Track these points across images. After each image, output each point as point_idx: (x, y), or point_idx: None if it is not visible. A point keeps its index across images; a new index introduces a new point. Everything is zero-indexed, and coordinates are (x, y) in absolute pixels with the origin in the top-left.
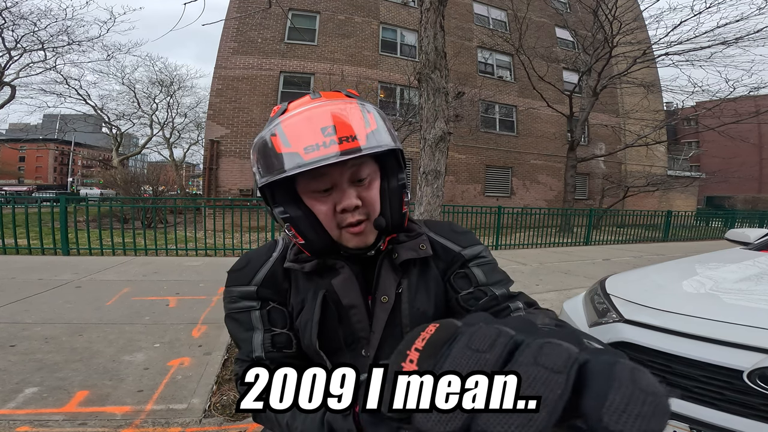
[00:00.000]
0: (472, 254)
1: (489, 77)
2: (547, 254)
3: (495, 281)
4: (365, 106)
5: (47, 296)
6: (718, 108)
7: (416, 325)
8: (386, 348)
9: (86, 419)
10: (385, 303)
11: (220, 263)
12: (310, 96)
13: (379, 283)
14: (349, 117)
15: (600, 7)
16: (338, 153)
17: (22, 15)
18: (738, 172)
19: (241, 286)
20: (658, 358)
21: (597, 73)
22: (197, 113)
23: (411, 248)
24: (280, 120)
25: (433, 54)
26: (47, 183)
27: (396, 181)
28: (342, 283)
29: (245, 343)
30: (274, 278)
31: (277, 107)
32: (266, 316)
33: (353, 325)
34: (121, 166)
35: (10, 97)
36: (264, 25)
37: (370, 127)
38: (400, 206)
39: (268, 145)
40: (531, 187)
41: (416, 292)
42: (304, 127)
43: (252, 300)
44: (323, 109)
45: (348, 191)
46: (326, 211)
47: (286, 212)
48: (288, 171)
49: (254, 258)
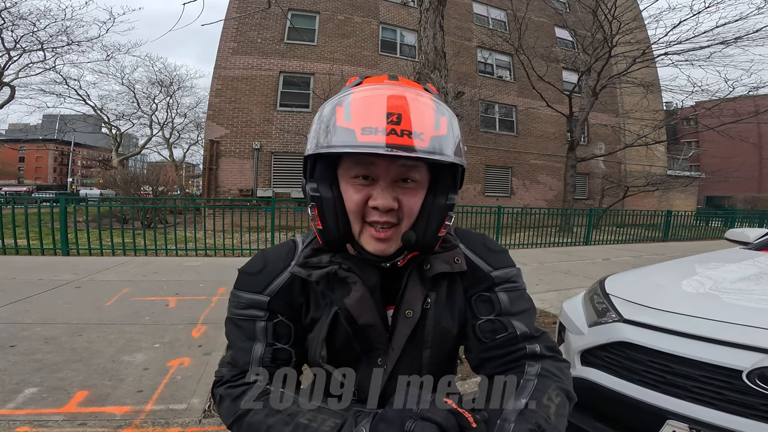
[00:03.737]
0: (502, 278)
1: (489, 77)
2: (546, 254)
3: (519, 311)
4: (440, 106)
5: (47, 296)
6: (717, 108)
7: (438, 343)
8: (405, 362)
9: (86, 419)
10: (409, 318)
11: (219, 263)
12: (388, 76)
13: (405, 295)
14: (419, 111)
15: (599, 6)
16: (390, 146)
17: (22, 15)
18: (738, 172)
19: (252, 293)
20: (658, 358)
21: (596, 72)
22: (197, 113)
23: (445, 261)
24: (351, 91)
25: (433, 54)
26: (47, 183)
27: (444, 200)
28: (356, 303)
29: (243, 352)
30: (290, 291)
31: (353, 78)
32: (271, 330)
33: (370, 341)
34: (121, 167)
35: (10, 97)
36: (263, 25)
37: (438, 130)
38: (438, 227)
39: (331, 114)
40: (531, 186)
41: (443, 309)
42: (370, 106)
43: (260, 310)
44: (396, 91)
45: (387, 189)
46: (358, 200)
47: (317, 190)
48: (338, 148)
49: (272, 262)
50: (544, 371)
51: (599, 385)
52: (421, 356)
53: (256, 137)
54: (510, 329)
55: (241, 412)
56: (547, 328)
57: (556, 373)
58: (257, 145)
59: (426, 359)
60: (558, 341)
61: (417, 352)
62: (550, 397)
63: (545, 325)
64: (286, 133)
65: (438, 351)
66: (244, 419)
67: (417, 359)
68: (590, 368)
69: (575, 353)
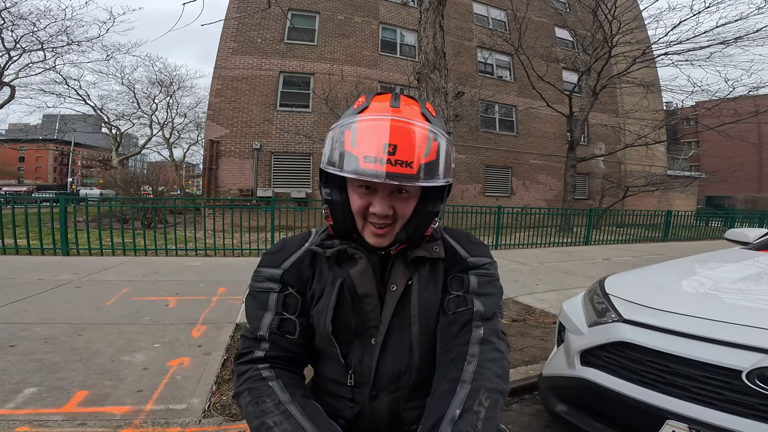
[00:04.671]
0: (475, 263)
1: (489, 77)
2: (546, 254)
3: (485, 293)
4: (433, 132)
5: (47, 296)
6: (717, 108)
7: (423, 316)
8: (394, 337)
9: (86, 419)
10: (394, 291)
11: (219, 263)
12: (391, 100)
13: (391, 274)
14: (413, 140)
15: (599, 6)
16: (385, 174)
17: (22, 15)
18: (738, 172)
19: (270, 267)
20: (657, 358)
21: (596, 72)
22: (197, 113)
23: (425, 249)
24: (357, 119)
25: (433, 54)
26: (47, 183)
27: (432, 207)
28: (359, 272)
29: (255, 320)
30: (300, 265)
31: (362, 98)
32: (281, 300)
33: (366, 313)
34: (121, 166)
35: (10, 97)
36: (263, 25)
37: (428, 157)
38: (425, 228)
39: (340, 136)
40: (531, 186)
41: (425, 287)
42: (370, 137)
43: (275, 282)
44: (394, 124)
45: (384, 200)
46: (361, 205)
47: (330, 195)
48: (345, 172)
49: (289, 244)
50: (481, 362)
51: (599, 385)
52: (410, 331)
53: (256, 137)
54: (470, 305)
55: (237, 391)
56: (546, 328)
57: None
58: (257, 145)
59: (415, 334)
60: (558, 341)
61: (406, 326)
62: (480, 402)
63: (545, 325)
64: (286, 133)
65: (425, 325)
66: (239, 398)
67: (407, 333)
68: (590, 368)
69: (575, 353)
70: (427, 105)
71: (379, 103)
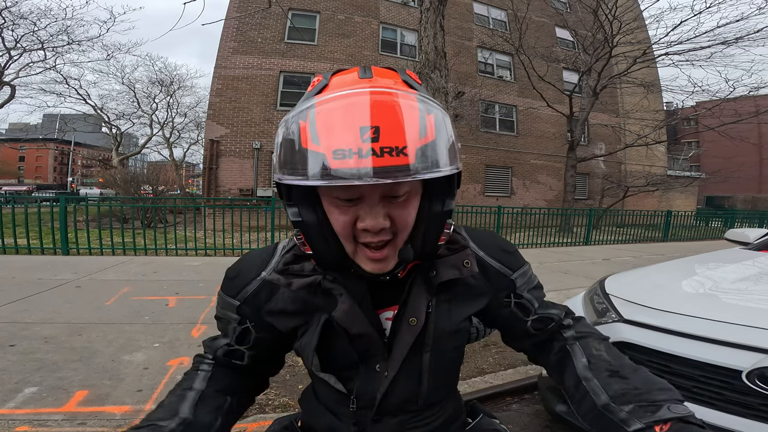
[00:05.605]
0: (522, 280)
1: (489, 77)
2: (546, 254)
3: (544, 304)
4: (425, 102)
5: (47, 296)
6: (718, 108)
7: (438, 344)
8: (404, 367)
9: (85, 419)
10: (413, 326)
11: (219, 263)
12: (359, 72)
13: (408, 303)
14: (400, 117)
15: (600, 6)
16: (372, 171)
17: (22, 15)
18: (738, 172)
19: (228, 296)
20: (658, 358)
21: (597, 72)
22: (197, 113)
23: (453, 265)
24: (315, 101)
25: (433, 54)
26: (47, 182)
27: (441, 206)
28: (344, 315)
29: (212, 341)
30: (256, 298)
31: (318, 77)
32: (236, 333)
33: (366, 349)
34: (121, 166)
35: (10, 96)
36: (264, 25)
37: (425, 137)
38: (437, 236)
39: (293, 134)
40: (531, 186)
41: (446, 312)
42: (338, 120)
43: (233, 313)
44: (369, 98)
45: (375, 209)
46: (345, 222)
47: (299, 215)
48: (310, 180)
49: (246, 269)
50: (578, 333)
51: None
52: (421, 360)
53: (256, 137)
54: (554, 317)
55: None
56: None
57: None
58: (257, 144)
59: (426, 362)
60: None
61: (417, 356)
62: (596, 347)
63: None
64: None
65: (439, 353)
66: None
67: (417, 363)
68: None
69: None
70: (408, 72)
71: (343, 76)
